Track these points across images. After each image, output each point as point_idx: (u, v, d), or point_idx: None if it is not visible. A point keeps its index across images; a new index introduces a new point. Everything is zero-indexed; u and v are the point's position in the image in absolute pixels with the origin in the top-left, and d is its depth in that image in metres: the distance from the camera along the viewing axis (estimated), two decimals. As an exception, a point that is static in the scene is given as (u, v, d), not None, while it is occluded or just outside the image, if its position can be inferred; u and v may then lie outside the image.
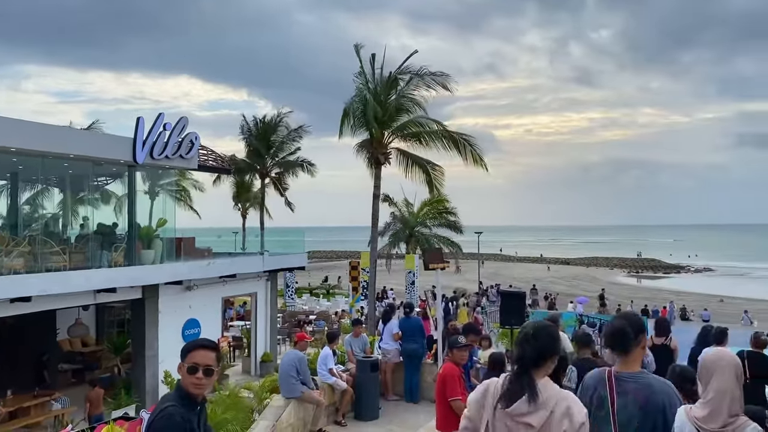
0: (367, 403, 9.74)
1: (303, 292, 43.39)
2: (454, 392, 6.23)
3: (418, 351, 10.78)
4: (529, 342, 2.77)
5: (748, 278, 76.61)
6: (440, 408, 6.43)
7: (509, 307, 9.90)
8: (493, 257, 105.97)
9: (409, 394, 10.75)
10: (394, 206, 34.45)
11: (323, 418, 9.07)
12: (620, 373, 3.28)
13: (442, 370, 6.48)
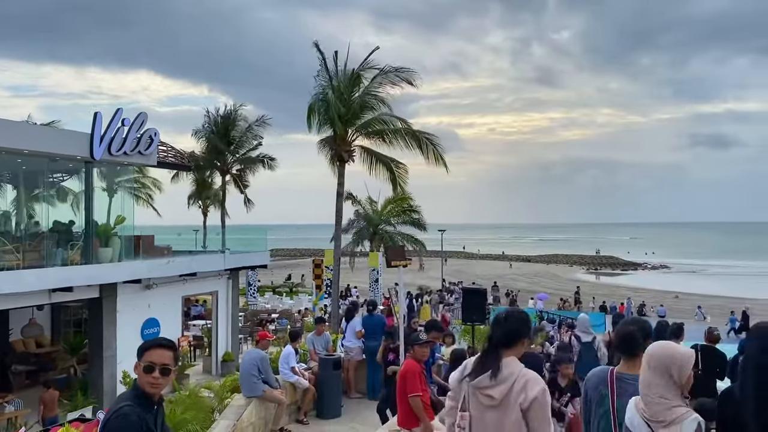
0: (330, 401, 9.73)
1: (265, 290, 43.04)
2: (415, 388, 6.26)
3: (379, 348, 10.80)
4: (500, 324, 3.14)
5: (702, 275, 78.92)
6: (402, 405, 6.46)
7: (471, 304, 10.00)
8: (457, 255, 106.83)
9: (372, 392, 10.76)
10: (358, 204, 34.46)
11: (285, 416, 9.02)
12: (622, 374, 3.42)
13: (403, 367, 6.51)
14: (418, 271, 43.04)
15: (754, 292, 53.77)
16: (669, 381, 2.71)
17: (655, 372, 2.73)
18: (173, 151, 17.83)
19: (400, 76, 19.52)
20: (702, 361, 8.41)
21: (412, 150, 20.24)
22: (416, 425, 6.37)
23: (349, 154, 20.43)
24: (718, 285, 62.08)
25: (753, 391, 2.69)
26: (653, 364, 2.75)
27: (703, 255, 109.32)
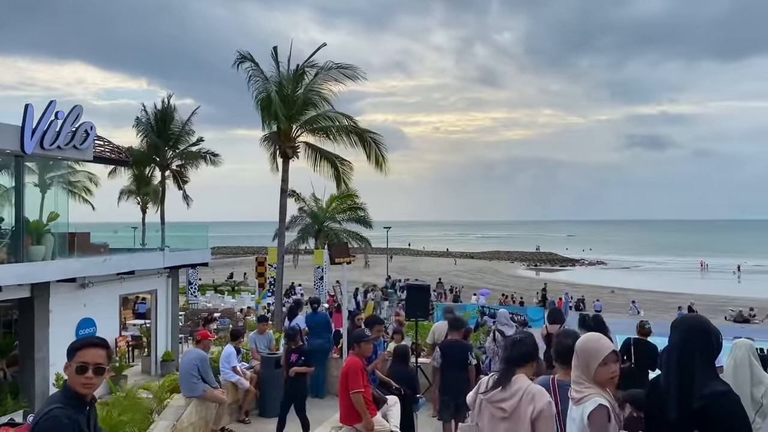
0: (272, 400, 9.64)
1: (207, 289, 42.26)
2: (357, 385, 6.30)
3: (324, 346, 10.80)
4: (515, 346, 3.59)
5: (636, 271, 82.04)
6: (343, 401, 6.48)
7: (414, 300, 10.09)
8: (402, 252, 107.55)
9: (315, 390, 10.75)
10: (301, 201, 34.24)
11: (226, 416, 8.91)
12: (561, 381, 3.74)
13: (345, 364, 6.53)
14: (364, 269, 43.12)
15: (683, 287, 56.30)
16: (582, 369, 3.04)
17: (575, 359, 3.11)
18: (110, 145, 17.27)
19: (344, 73, 19.48)
20: (635, 353, 8.77)
21: (356, 148, 20.24)
22: (358, 421, 6.41)
23: (293, 151, 20.26)
24: (651, 280, 64.68)
25: (675, 381, 2.83)
26: (576, 352, 3.14)
27: (638, 252, 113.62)
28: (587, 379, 3.00)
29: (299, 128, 20.35)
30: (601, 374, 2.98)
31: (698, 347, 2.88)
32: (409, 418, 7.29)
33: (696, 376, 2.70)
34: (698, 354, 2.85)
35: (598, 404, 2.88)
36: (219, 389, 8.61)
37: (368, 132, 20.26)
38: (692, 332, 2.97)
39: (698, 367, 2.76)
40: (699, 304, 41.20)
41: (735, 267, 75.83)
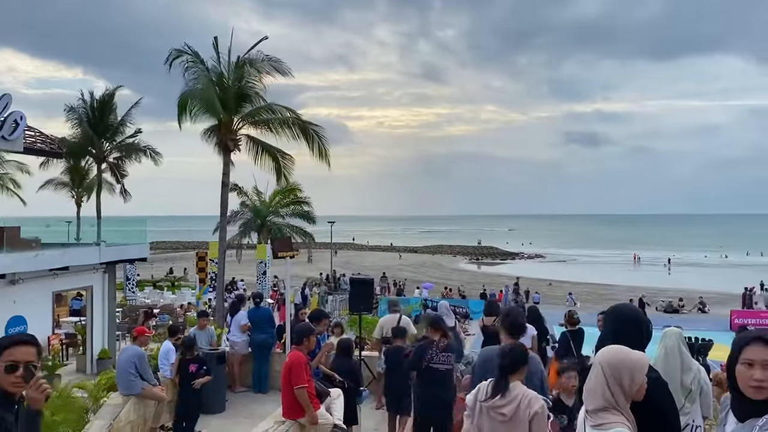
0: (213, 396, 9.52)
1: (146, 284, 41.17)
2: (300, 380, 6.29)
3: (267, 341, 10.71)
4: (508, 355, 3.96)
5: (573, 264, 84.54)
6: (286, 396, 6.46)
7: (358, 294, 10.11)
8: (346, 246, 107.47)
9: (258, 385, 10.66)
10: (244, 195, 33.74)
11: (166, 413, 8.72)
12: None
13: (288, 359, 6.50)
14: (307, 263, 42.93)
15: (617, 279, 58.46)
16: (618, 388, 2.72)
17: (604, 381, 2.74)
18: (42, 136, 16.58)
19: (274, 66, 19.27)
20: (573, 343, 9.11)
21: (298, 141, 20.06)
22: (301, 415, 6.40)
23: (234, 143, 19.90)
24: (586, 273, 66.81)
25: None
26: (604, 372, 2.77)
27: (575, 245, 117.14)
28: (619, 399, 2.65)
29: (241, 121, 20.04)
30: (642, 388, 2.65)
31: (628, 335, 3.00)
32: (352, 410, 7.32)
33: None
34: (628, 341, 2.97)
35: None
36: (158, 386, 8.43)
37: (310, 124, 20.09)
38: (623, 321, 3.09)
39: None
40: (632, 296, 42.86)
41: (666, 260, 79.16)
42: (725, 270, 70.72)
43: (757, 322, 27.17)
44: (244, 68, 19.62)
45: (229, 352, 10.73)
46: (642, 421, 2.73)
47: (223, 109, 19.16)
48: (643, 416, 2.75)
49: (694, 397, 4.52)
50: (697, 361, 5.02)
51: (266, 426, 6.26)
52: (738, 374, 2.31)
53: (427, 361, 6.60)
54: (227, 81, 19.64)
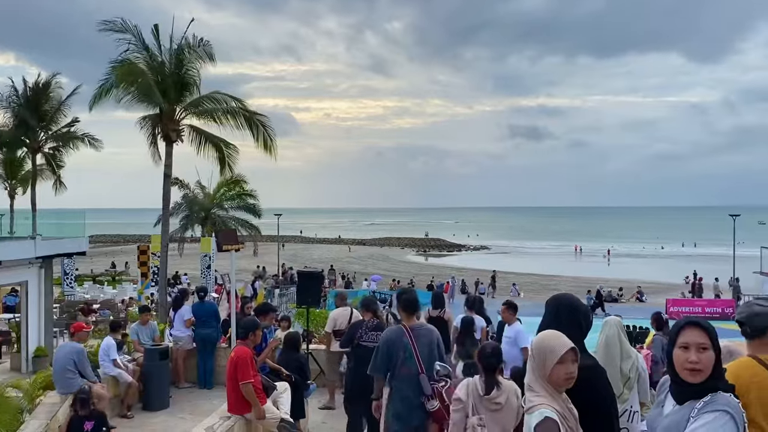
0: (157, 392, 9.29)
1: (85, 279, 39.83)
2: (246, 375, 6.22)
3: (211, 336, 10.52)
4: (493, 356, 4.52)
5: (517, 255, 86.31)
6: (231, 391, 6.37)
7: (306, 287, 10.05)
8: (294, 239, 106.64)
9: (203, 381, 10.48)
10: (186, 188, 33.04)
11: (107, 411, 8.46)
12: (411, 326, 5.51)
13: (234, 353, 6.41)
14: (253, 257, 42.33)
15: (559, 270, 60.03)
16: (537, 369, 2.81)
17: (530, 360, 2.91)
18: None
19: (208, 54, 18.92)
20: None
21: (242, 131, 19.71)
22: (247, 410, 6.33)
23: (177, 134, 19.42)
24: (530, 264, 68.36)
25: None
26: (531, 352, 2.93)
27: (519, 237, 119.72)
28: (541, 383, 2.76)
29: (183, 110, 19.57)
30: (557, 374, 2.71)
31: (566, 323, 3.08)
32: (300, 404, 7.28)
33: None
34: (566, 329, 3.04)
35: (544, 417, 2.64)
36: (98, 384, 8.17)
37: (256, 114, 19.79)
38: (560, 309, 3.17)
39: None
40: (573, 286, 44.08)
41: (605, 251, 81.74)
42: (662, 260, 73.58)
43: (691, 310, 28.41)
44: (183, 55, 19.15)
45: (172, 347, 10.50)
46: (580, 407, 2.81)
47: (164, 97, 18.67)
48: (580, 403, 2.83)
49: (633, 383, 4.67)
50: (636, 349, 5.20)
51: (211, 422, 6.15)
52: (675, 358, 2.40)
53: (357, 339, 7.04)
54: (168, 68, 19.15)
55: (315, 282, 10.18)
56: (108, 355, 8.79)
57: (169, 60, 19.20)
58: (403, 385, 5.33)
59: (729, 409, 2.25)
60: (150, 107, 19.20)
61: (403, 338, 5.40)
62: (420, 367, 5.31)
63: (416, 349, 5.34)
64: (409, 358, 5.34)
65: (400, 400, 5.33)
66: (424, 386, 5.26)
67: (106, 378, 8.64)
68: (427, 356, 5.35)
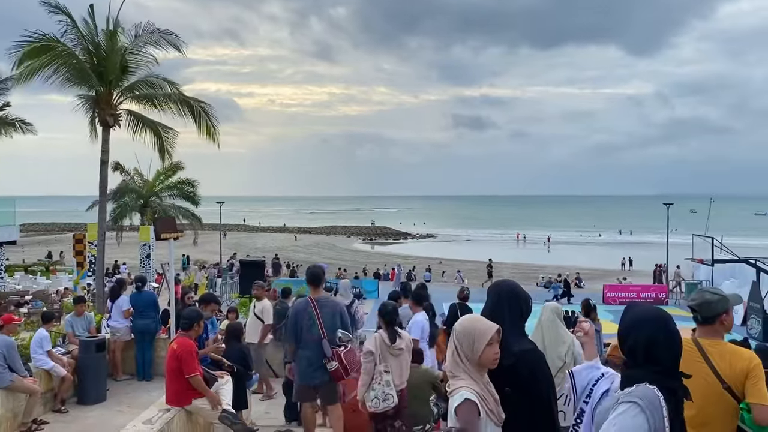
0: (92, 385, 8.98)
1: (16, 269, 38.16)
2: (192, 368, 6.11)
3: (150, 326, 10.25)
4: (392, 313, 5.80)
5: (461, 242, 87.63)
6: (171, 383, 6.22)
7: (249, 276, 9.91)
8: (236, 228, 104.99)
9: (142, 372, 10.21)
10: (126, 174, 32.02)
11: (39, 406, 8.15)
12: (317, 297, 6.36)
13: (176, 345, 6.24)
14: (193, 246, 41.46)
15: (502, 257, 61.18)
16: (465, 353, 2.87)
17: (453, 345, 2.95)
18: None
19: (166, 39, 18.34)
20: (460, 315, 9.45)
21: (184, 118, 19.20)
22: (186, 402, 6.20)
23: (114, 119, 18.74)
24: (474, 251, 69.47)
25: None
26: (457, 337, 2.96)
27: (464, 225, 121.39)
28: (464, 366, 2.80)
29: (120, 94, 18.91)
30: (487, 355, 2.77)
31: (507, 309, 3.12)
32: (242, 395, 7.19)
33: (506, 335, 2.93)
34: (507, 315, 3.08)
35: (465, 399, 2.69)
36: (29, 378, 7.84)
37: (197, 101, 19.30)
38: (502, 295, 3.21)
39: (507, 326, 2.98)
40: (514, 272, 45.09)
41: (545, 238, 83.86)
42: (599, 248, 76.00)
43: (626, 296, 29.48)
44: (118, 36, 18.49)
45: (110, 338, 10.18)
46: (519, 390, 2.85)
47: (100, 81, 17.99)
48: (520, 386, 2.88)
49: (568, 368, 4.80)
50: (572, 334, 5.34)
51: (149, 415, 5.99)
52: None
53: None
54: (104, 51, 18.45)
55: (258, 271, 10.04)
56: (41, 347, 8.43)
57: (105, 42, 18.51)
58: (307, 349, 6.20)
59: (639, 401, 2.16)
60: (85, 90, 18.50)
61: (308, 308, 6.25)
62: (322, 333, 6.14)
63: (320, 317, 6.20)
64: (312, 325, 6.19)
65: (305, 360, 6.22)
66: (326, 349, 6.11)
67: (38, 372, 8.29)
68: (330, 324, 6.19)
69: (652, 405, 2.15)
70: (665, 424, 2.14)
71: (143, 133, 19.70)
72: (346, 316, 6.54)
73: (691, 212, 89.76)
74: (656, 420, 2.14)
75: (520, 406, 2.87)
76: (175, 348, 6.14)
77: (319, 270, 6.56)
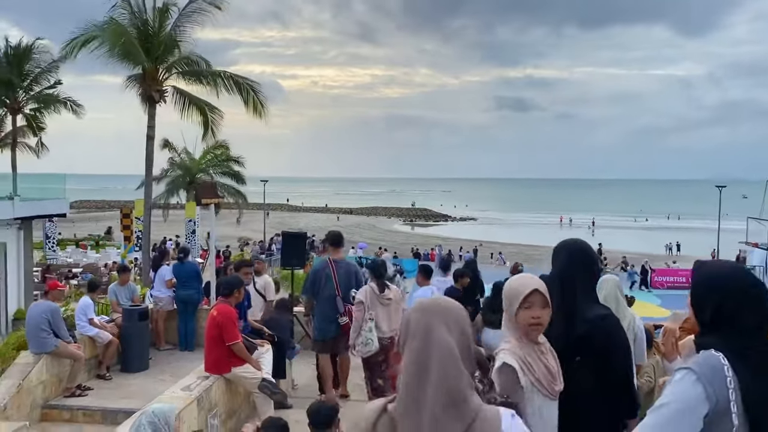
0: (136, 354, 9.07)
1: (68, 243, 39.34)
2: (234, 336, 6.06)
3: (193, 297, 10.28)
4: (380, 267, 6.78)
5: (502, 225, 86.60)
6: (210, 350, 6.17)
7: (291, 248, 9.79)
8: (280, 207, 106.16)
9: (184, 343, 10.27)
10: (174, 151, 32.45)
11: (83, 373, 8.26)
12: (335, 259, 7.11)
13: (216, 312, 6.18)
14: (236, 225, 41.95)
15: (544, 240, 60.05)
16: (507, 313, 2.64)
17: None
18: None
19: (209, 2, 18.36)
20: None
21: (232, 94, 19.27)
22: (226, 370, 6.15)
23: (160, 95, 18.96)
24: (515, 234, 68.62)
25: (560, 308, 2.69)
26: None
27: (504, 208, 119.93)
28: (511, 329, 2.59)
29: (166, 71, 19.10)
30: (522, 319, 2.52)
31: (581, 270, 2.83)
32: (281, 366, 7.13)
33: (578, 300, 2.67)
34: (580, 278, 2.80)
35: (502, 363, 2.51)
36: (74, 344, 7.94)
37: (245, 78, 19.39)
38: (573, 256, 2.89)
39: (579, 291, 2.72)
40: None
41: (590, 221, 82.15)
42: (645, 232, 74.09)
43: (674, 281, 28.62)
44: (168, 14, 18.63)
45: (152, 308, 10.26)
46: (595, 358, 2.61)
47: (147, 56, 18.18)
48: (591, 356, 2.63)
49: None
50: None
51: (188, 382, 5.96)
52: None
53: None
54: (152, 28, 18.62)
55: (300, 242, 9.95)
56: (85, 315, 8.53)
57: (153, 18, 18.68)
58: (323, 305, 6.95)
59: (696, 368, 1.87)
60: (132, 67, 18.73)
61: (326, 268, 6.97)
62: (337, 290, 6.82)
63: (336, 277, 6.86)
64: (328, 282, 6.86)
65: (321, 315, 7.00)
66: (339, 305, 6.80)
67: (82, 338, 8.40)
68: (345, 283, 6.86)
69: (712, 372, 1.84)
70: (730, 396, 1.81)
71: (190, 112, 19.92)
72: (361, 276, 7.26)
73: (743, 197, 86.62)
74: (717, 389, 1.83)
75: (594, 377, 2.62)
76: (215, 315, 6.08)
77: (339, 233, 7.35)
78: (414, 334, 1.72)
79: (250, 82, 19.51)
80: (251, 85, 19.42)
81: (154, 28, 18.66)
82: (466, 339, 1.73)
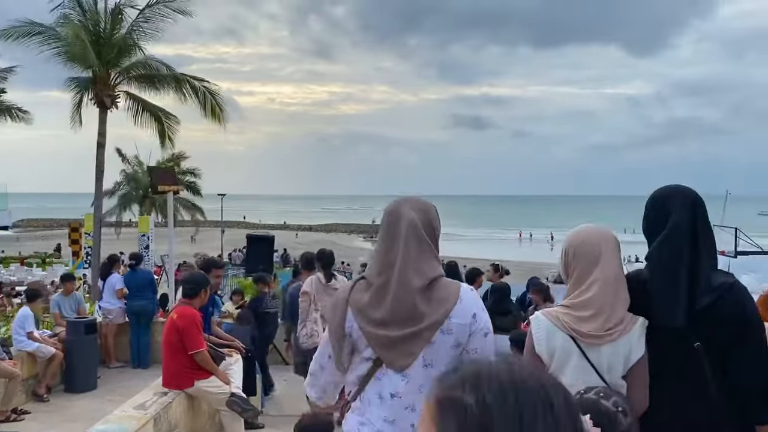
0: (81, 371, 8.07)
1: (12, 261, 37.23)
2: (198, 343, 5.21)
3: (147, 308, 9.33)
4: (327, 257, 6.59)
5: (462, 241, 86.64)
6: (172, 362, 5.29)
7: (257, 253, 9.00)
8: (237, 224, 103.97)
9: (137, 359, 9.29)
10: (126, 162, 31.16)
11: (21, 394, 7.24)
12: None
13: (175, 315, 5.31)
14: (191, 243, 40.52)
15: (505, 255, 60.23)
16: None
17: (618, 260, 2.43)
18: None
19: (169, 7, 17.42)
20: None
21: (187, 98, 18.29)
22: (187, 385, 5.28)
23: (112, 100, 17.87)
24: (475, 249, 68.50)
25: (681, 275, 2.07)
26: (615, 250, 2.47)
27: (463, 224, 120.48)
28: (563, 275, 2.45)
29: (119, 75, 18.05)
30: (567, 267, 2.46)
31: (700, 225, 2.12)
32: (252, 378, 6.30)
33: (701, 264, 1.99)
34: (701, 236, 2.10)
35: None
36: (9, 361, 6.93)
37: (201, 80, 18.45)
38: (696, 207, 2.16)
39: (704, 254, 2.04)
40: (520, 269, 44.12)
41: (549, 236, 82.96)
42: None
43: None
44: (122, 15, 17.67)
45: (101, 321, 9.26)
46: (722, 337, 1.93)
47: (99, 60, 17.14)
48: (721, 332, 1.95)
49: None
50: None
51: (143, 399, 5.07)
52: None
53: (263, 307, 8.22)
54: (104, 30, 17.63)
55: (266, 246, 9.16)
56: (23, 328, 7.51)
57: (105, 20, 17.72)
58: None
59: None
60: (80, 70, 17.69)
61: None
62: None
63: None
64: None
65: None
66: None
67: (20, 354, 7.38)
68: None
69: None
70: None
71: (143, 119, 18.92)
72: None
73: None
74: None
75: (719, 367, 1.94)
76: (175, 318, 5.21)
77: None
78: (388, 213, 2.15)
79: (206, 83, 18.61)
80: (207, 87, 18.52)
81: (107, 31, 17.71)
82: (427, 217, 2.11)
